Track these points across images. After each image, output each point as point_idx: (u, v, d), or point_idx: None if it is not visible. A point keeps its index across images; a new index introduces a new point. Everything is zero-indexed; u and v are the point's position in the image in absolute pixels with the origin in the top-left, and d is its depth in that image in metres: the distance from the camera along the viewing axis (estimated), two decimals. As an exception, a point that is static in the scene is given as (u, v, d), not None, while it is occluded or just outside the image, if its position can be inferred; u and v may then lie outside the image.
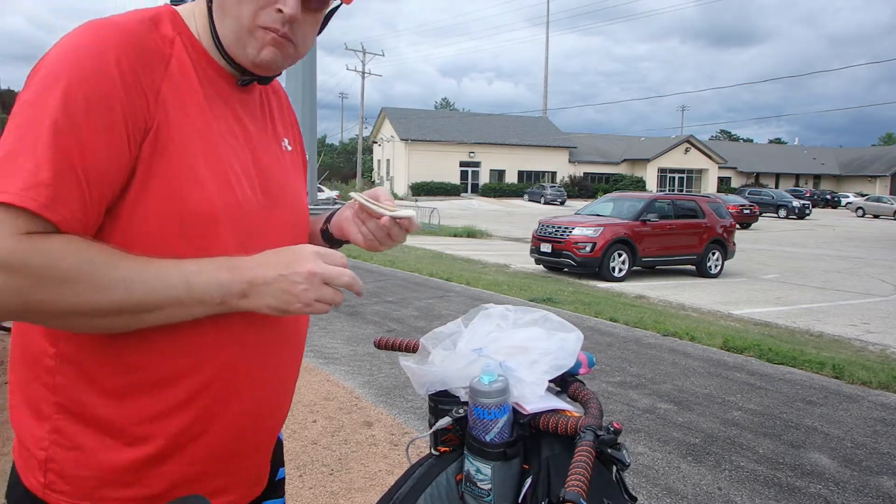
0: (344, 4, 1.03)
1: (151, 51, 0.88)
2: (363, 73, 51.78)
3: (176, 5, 1.00)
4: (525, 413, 0.99)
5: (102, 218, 0.85)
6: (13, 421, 0.95)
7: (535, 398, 1.00)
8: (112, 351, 0.88)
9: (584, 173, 50.69)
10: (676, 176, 52.84)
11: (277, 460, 1.17)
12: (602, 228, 11.71)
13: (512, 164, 49.44)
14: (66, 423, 0.89)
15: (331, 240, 1.18)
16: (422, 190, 44.42)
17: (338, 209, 1.16)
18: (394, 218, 1.05)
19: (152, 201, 0.86)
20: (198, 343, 0.92)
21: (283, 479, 1.22)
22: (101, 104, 0.81)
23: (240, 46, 0.94)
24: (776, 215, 35.78)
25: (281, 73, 1.07)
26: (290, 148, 1.14)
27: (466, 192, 47.76)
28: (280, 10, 0.92)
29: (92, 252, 0.80)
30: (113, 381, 0.89)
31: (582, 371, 1.09)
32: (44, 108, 0.79)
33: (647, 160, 51.15)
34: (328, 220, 1.18)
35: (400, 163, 47.20)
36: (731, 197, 31.56)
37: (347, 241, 1.15)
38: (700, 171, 53.40)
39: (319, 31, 1.04)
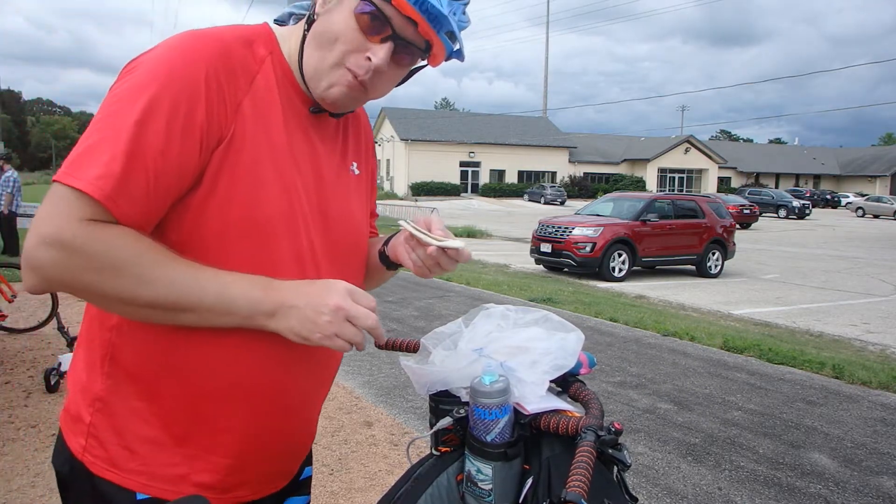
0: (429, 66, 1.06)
1: (240, 67, 0.95)
2: (363, 72, 51.55)
3: (280, 25, 1.06)
4: (526, 413, 0.99)
5: (163, 214, 0.91)
6: (70, 384, 1.03)
7: (535, 398, 1.00)
8: (160, 334, 0.94)
9: (584, 173, 50.64)
10: (676, 176, 52.83)
11: (305, 459, 1.19)
12: (602, 228, 11.71)
13: (512, 164, 49.40)
14: (110, 392, 0.96)
15: (387, 262, 1.21)
16: (422, 190, 44.41)
17: (398, 232, 1.19)
18: (442, 248, 1.06)
19: (218, 202, 0.92)
20: (236, 346, 0.96)
21: (310, 477, 1.24)
22: (184, 112, 0.87)
23: (316, 78, 0.99)
24: (776, 215, 35.78)
25: (347, 113, 1.11)
26: (357, 172, 1.17)
27: (466, 192, 47.73)
28: (369, 59, 0.96)
29: (142, 248, 0.86)
30: (154, 361, 0.95)
31: (583, 371, 1.09)
32: (132, 105, 0.86)
33: (647, 160, 51.14)
34: (387, 242, 1.21)
35: (400, 163, 47.20)
36: (731, 197, 31.55)
37: (402, 265, 1.18)
38: (700, 171, 53.39)
39: (398, 85, 1.08)
